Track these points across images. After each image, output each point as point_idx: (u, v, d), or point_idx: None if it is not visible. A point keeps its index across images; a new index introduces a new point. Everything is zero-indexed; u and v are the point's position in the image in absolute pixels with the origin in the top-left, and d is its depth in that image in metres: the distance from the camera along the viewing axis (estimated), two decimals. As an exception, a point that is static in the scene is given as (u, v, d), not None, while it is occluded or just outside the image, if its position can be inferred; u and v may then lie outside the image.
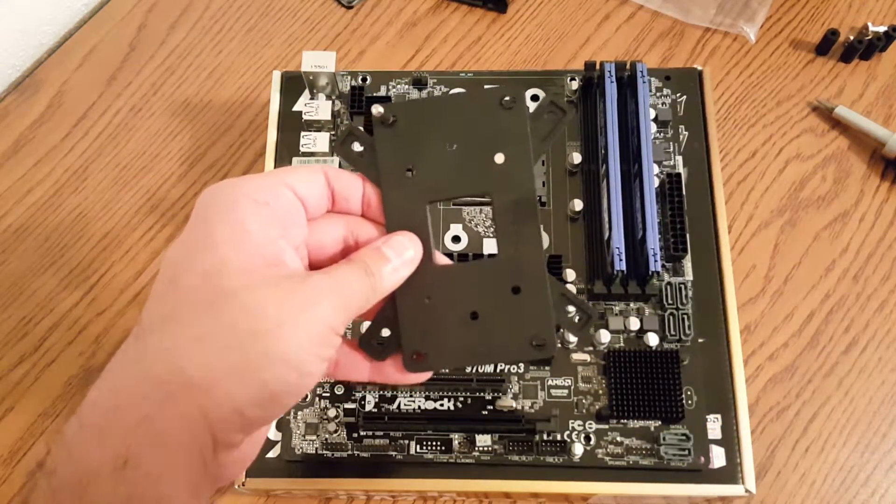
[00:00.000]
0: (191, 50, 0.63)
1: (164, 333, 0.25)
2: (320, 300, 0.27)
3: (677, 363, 0.42)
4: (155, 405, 0.24)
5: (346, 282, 0.28)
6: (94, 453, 0.23)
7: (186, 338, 0.25)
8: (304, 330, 0.26)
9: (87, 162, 0.59)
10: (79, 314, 0.54)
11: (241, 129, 0.60)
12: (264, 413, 0.26)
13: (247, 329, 0.25)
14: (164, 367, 0.25)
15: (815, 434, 0.49)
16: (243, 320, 0.25)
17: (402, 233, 0.31)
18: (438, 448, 0.42)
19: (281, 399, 0.26)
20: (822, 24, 0.62)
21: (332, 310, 0.27)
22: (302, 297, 0.26)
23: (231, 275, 0.26)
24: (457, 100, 0.33)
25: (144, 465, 0.23)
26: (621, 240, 0.44)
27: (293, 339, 0.26)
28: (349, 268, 0.29)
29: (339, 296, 0.27)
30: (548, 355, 0.31)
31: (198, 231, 0.27)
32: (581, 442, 0.42)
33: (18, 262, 0.56)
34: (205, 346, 0.25)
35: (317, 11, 0.64)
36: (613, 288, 0.45)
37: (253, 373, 0.25)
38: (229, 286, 0.26)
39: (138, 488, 0.23)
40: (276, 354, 0.25)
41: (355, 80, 0.51)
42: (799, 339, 0.51)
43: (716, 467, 0.41)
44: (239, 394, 0.25)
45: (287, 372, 0.26)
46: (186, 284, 0.26)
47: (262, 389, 0.25)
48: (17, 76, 0.65)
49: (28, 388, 0.52)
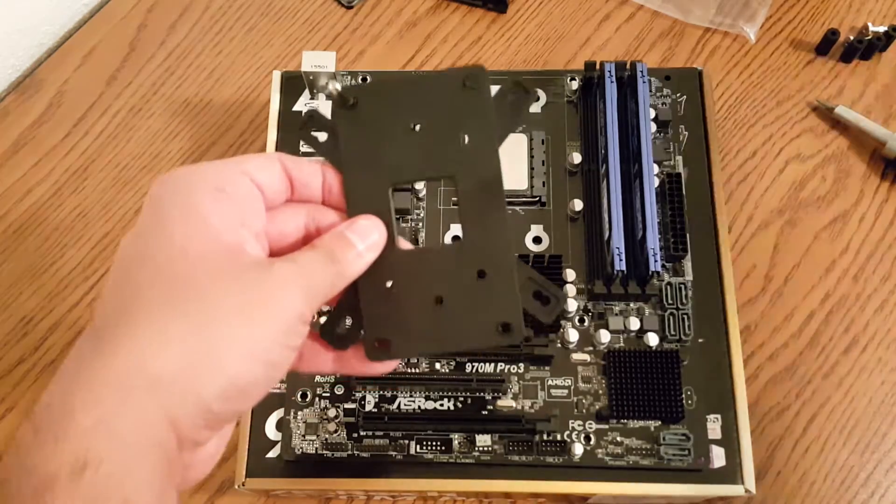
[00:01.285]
0: (191, 50, 0.63)
1: (119, 329, 0.24)
2: (286, 288, 0.26)
3: (677, 363, 0.42)
4: (112, 407, 0.23)
5: (310, 268, 0.27)
6: (49, 459, 0.22)
7: (145, 333, 0.24)
8: (270, 320, 0.25)
9: (87, 162, 0.59)
10: (79, 314, 0.54)
11: (241, 129, 0.60)
12: (231, 407, 0.25)
13: (209, 321, 0.24)
14: (122, 365, 0.23)
15: (815, 434, 0.49)
16: (205, 312, 0.24)
17: (366, 217, 0.30)
18: (438, 448, 0.42)
19: (248, 392, 0.26)
20: (822, 24, 0.62)
21: (298, 297, 0.26)
22: (266, 286, 0.26)
23: (190, 264, 0.25)
24: (420, 81, 0.32)
25: (105, 467, 0.22)
26: (621, 240, 0.44)
27: (259, 331, 0.25)
28: (313, 253, 0.28)
29: (304, 282, 0.27)
30: (515, 341, 0.30)
31: (152, 220, 0.26)
32: (581, 442, 0.42)
33: (18, 262, 0.56)
34: (165, 340, 0.24)
35: (317, 11, 0.64)
36: (613, 288, 0.45)
37: (217, 367, 0.24)
38: (189, 276, 0.25)
39: (101, 491, 0.22)
40: (242, 346, 0.25)
41: (355, 80, 0.51)
42: (799, 339, 0.51)
43: (716, 467, 0.41)
44: (204, 389, 0.24)
45: (254, 365, 0.25)
46: (142, 277, 0.25)
47: (228, 384, 0.24)
48: (17, 76, 0.64)
49: (28, 388, 0.52)
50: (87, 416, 0.23)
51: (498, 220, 0.30)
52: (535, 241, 0.47)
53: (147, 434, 0.23)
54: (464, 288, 0.30)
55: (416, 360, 0.44)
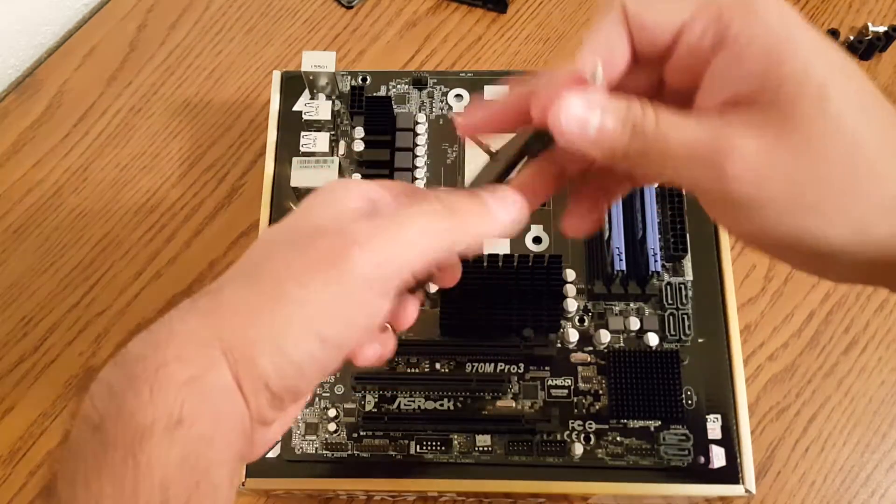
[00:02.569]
0: (191, 50, 0.63)
1: (211, 294, 0.25)
2: (352, 256, 0.24)
3: (677, 363, 0.42)
4: (201, 365, 0.23)
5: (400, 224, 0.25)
6: (146, 409, 0.22)
7: (226, 301, 0.24)
8: (326, 295, 0.24)
9: (87, 162, 0.59)
10: (79, 314, 0.54)
11: (241, 129, 0.60)
12: (292, 387, 0.25)
13: (275, 296, 0.24)
14: (206, 330, 0.24)
15: (815, 434, 0.49)
16: (269, 284, 0.24)
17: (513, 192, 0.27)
18: (438, 448, 0.42)
19: (303, 370, 0.24)
20: (822, 24, 0.62)
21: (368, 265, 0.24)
22: (332, 257, 0.24)
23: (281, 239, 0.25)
24: None
25: (198, 426, 0.22)
26: (621, 240, 0.44)
27: (314, 307, 0.24)
28: (418, 207, 0.25)
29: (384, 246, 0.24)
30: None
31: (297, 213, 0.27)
32: (581, 442, 0.42)
33: (18, 262, 0.56)
34: (240, 311, 0.24)
35: (317, 11, 0.64)
36: (613, 288, 0.45)
37: (276, 341, 0.24)
38: (273, 250, 0.25)
39: (192, 450, 0.22)
40: (298, 322, 0.24)
41: (355, 80, 0.51)
42: (799, 339, 0.51)
43: (716, 467, 0.41)
44: (262, 362, 0.24)
45: (310, 343, 0.24)
46: (250, 254, 0.26)
47: (284, 360, 0.24)
48: (17, 76, 0.65)
49: (28, 388, 0.52)
50: (178, 370, 0.23)
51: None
52: (535, 241, 0.47)
53: (227, 398, 0.24)
54: None
55: (415, 360, 0.44)
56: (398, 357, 0.44)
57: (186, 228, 0.57)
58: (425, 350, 0.44)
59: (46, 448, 0.50)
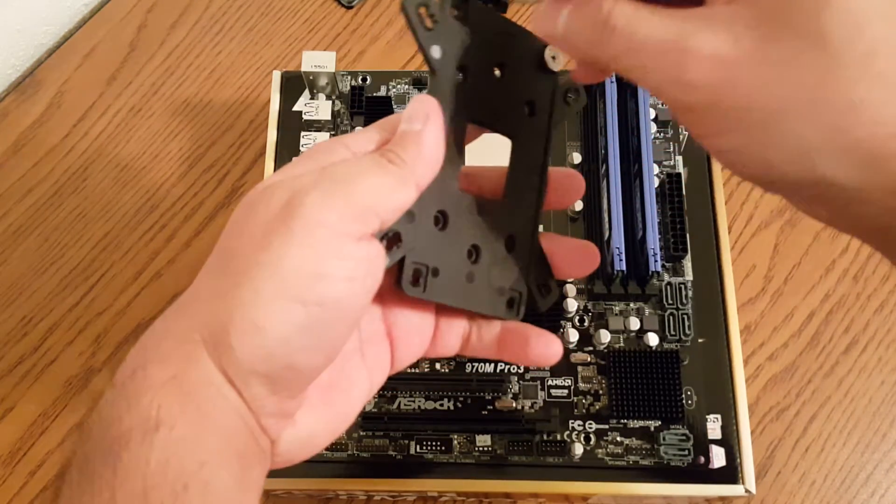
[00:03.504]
0: (191, 50, 0.63)
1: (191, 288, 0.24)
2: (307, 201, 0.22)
3: (677, 363, 0.42)
4: (178, 364, 0.22)
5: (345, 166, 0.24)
6: (124, 416, 0.21)
7: (201, 290, 0.23)
8: (291, 247, 0.22)
9: (87, 162, 0.59)
10: (79, 314, 0.54)
11: (241, 129, 0.60)
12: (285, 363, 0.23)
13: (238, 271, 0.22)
14: (184, 324, 0.23)
15: (815, 434, 0.49)
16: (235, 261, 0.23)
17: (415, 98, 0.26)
18: (438, 448, 0.42)
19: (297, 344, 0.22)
20: (822, 24, 0.62)
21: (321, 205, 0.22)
22: (288, 210, 0.23)
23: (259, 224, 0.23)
24: (516, 31, 0.30)
25: (178, 428, 0.21)
26: (621, 240, 0.44)
27: (280, 264, 0.22)
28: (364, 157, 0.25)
29: (332, 184, 0.23)
30: (513, 317, 0.31)
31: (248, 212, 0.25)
32: (581, 442, 0.42)
33: (18, 262, 0.56)
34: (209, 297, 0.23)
35: (317, 11, 0.64)
36: (613, 288, 0.45)
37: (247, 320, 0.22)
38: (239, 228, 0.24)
39: (173, 452, 0.21)
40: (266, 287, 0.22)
41: (355, 80, 0.51)
42: (799, 339, 0.51)
43: (716, 467, 0.41)
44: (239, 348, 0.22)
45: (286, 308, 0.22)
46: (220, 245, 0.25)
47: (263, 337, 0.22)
48: (17, 76, 0.64)
49: (28, 388, 0.52)
50: (156, 372, 0.22)
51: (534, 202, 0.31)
52: (535, 241, 0.47)
53: (216, 393, 0.22)
54: (494, 250, 0.30)
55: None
56: (398, 357, 0.44)
57: (186, 228, 0.57)
58: (425, 350, 0.44)
59: (46, 448, 0.50)
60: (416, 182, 0.25)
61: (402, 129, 0.26)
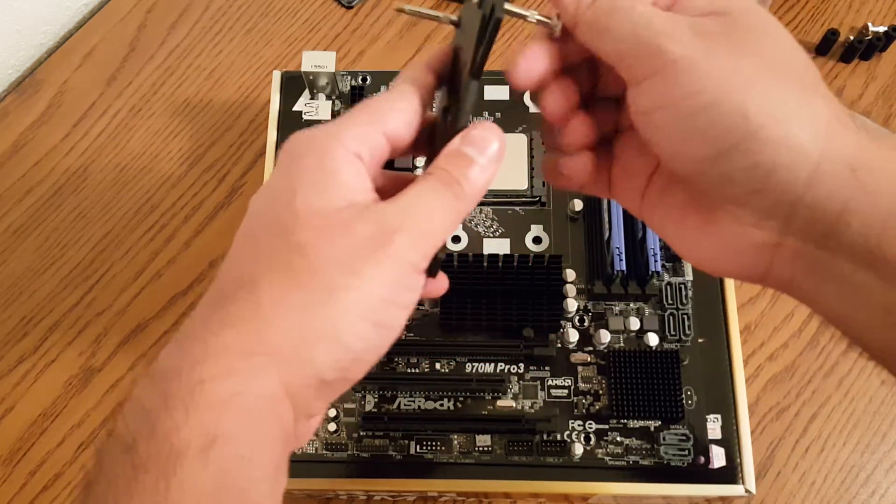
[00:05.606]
0: (191, 50, 0.63)
1: (243, 296, 0.24)
2: (391, 236, 0.24)
3: (677, 363, 0.42)
4: (239, 381, 0.23)
5: (421, 206, 0.25)
6: (181, 430, 0.22)
7: (265, 303, 0.24)
8: (378, 281, 0.24)
9: (87, 162, 0.59)
10: (79, 314, 0.54)
11: (241, 129, 0.60)
12: (344, 376, 0.25)
13: (322, 290, 0.23)
14: (247, 337, 0.23)
15: (815, 434, 0.49)
16: (318, 281, 0.24)
17: (481, 125, 0.27)
18: (438, 448, 0.42)
19: (361, 359, 0.25)
20: (822, 24, 0.62)
21: (405, 246, 0.24)
22: (374, 239, 0.24)
23: (307, 229, 0.24)
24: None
25: (235, 445, 0.22)
26: (621, 240, 0.44)
27: (367, 291, 0.24)
28: (425, 185, 0.25)
29: (414, 226, 0.24)
30: None
31: (283, 182, 0.25)
32: (581, 442, 0.42)
33: (18, 262, 0.56)
34: (283, 311, 0.23)
35: (317, 11, 0.64)
36: (613, 288, 0.45)
37: (331, 335, 0.23)
38: (306, 243, 0.24)
39: (228, 470, 0.22)
40: (353, 310, 0.23)
41: (355, 80, 0.51)
42: (799, 339, 0.51)
43: (716, 467, 0.41)
44: (319, 360, 0.23)
45: (366, 328, 0.24)
46: (265, 241, 0.25)
47: (343, 352, 0.24)
48: (17, 76, 0.65)
49: (28, 388, 0.52)
50: (217, 388, 0.22)
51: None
52: (535, 241, 0.47)
53: (271, 409, 0.23)
54: None
55: (416, 360, 0.44)
56: (398, 357, 0.44)
57: (186, 228, 0.57)
58: (425, 350, 0.44)
59: (46, 448, 0.50)
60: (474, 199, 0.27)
61: (470, 156, 0.26)
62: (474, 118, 0.49)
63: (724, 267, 0.28)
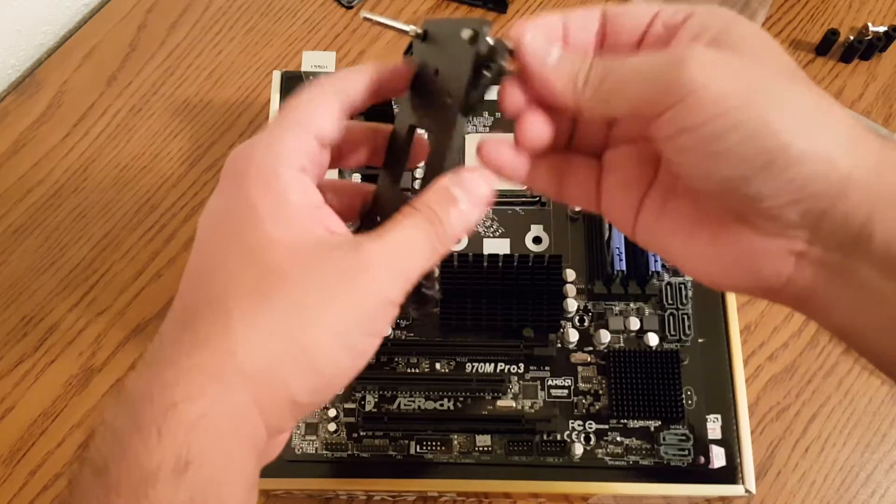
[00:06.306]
0: (191, 50, 0.63)
1: (211, 318, 0.24)
2: (371, 272, 0.25)
3: (677, 363, 0.42)
4: (211, 401, 0.23)
5: (403, 244, 0.26)
6: (152, 453, 0.22)
7: (237, 325, 0.24)
8: (354, 308, 0.24)
9: (87, 162, 0.59)
10: (79, 314, 0.54)
11: (241, 129, 0.60)
12: (317, 399, 0.25)
13: (297, 313, 0.24)
14: (219, 359, 0.23)
15: (815, 434, 0.49)
16: (292, 303, 0.24)
17: (473, 169, 0.27)
18: (438, 448, 0.42)
19: (334, 383, 0.25)
20: (822, 25, 0.62)
21: (386, 281, 0.25)
22: (352, 271, 0.24)
23: (278, 254, 0.24)
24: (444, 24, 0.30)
25: (207, 467, 0.22)
26: (621, 240, 0.44)
27: (344, 319, 0.24)
28: (408, 221, 0.26)
29: (393, 263, 0.25)
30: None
31: (236, 202, 0.25)
32: (581, 442, 0.42)
33: (18, 262, 0.56)
34: (255, 334, 0.24)
35: (317, 11, 0.64)
36: (613, 288, 0.45)
37: (305, 360, 0.24)
38: (277, 267, 0.24)
39: (199, 491, 0.22)
40: (328, 337, 0.24)
41: (355, 80, 0.51)
42: (799, 339, 0.51)
43: (716, 467, 0.41)
44: (293, 383, 0.24)
45: (340, 354, 0.24)
46: (231, 262, 0.25)
47: (316, 376, 0.24)
48: (17, 76, 0.65)
49: (28, 388, 0.52)
50: (189, 409, 0.22)
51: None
52: (535, 241, 0.47)
53: (243, 430, 0.23)
54: None
55: (416, 360, 0.44)
56: (398, 357, 0.44)
57: (186, 228, 0.57)
58: (425, 350, 0.44)
59: (46, 448, 0.50)
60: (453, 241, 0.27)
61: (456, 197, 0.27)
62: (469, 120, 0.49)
63: (738, 281, 0.27)
